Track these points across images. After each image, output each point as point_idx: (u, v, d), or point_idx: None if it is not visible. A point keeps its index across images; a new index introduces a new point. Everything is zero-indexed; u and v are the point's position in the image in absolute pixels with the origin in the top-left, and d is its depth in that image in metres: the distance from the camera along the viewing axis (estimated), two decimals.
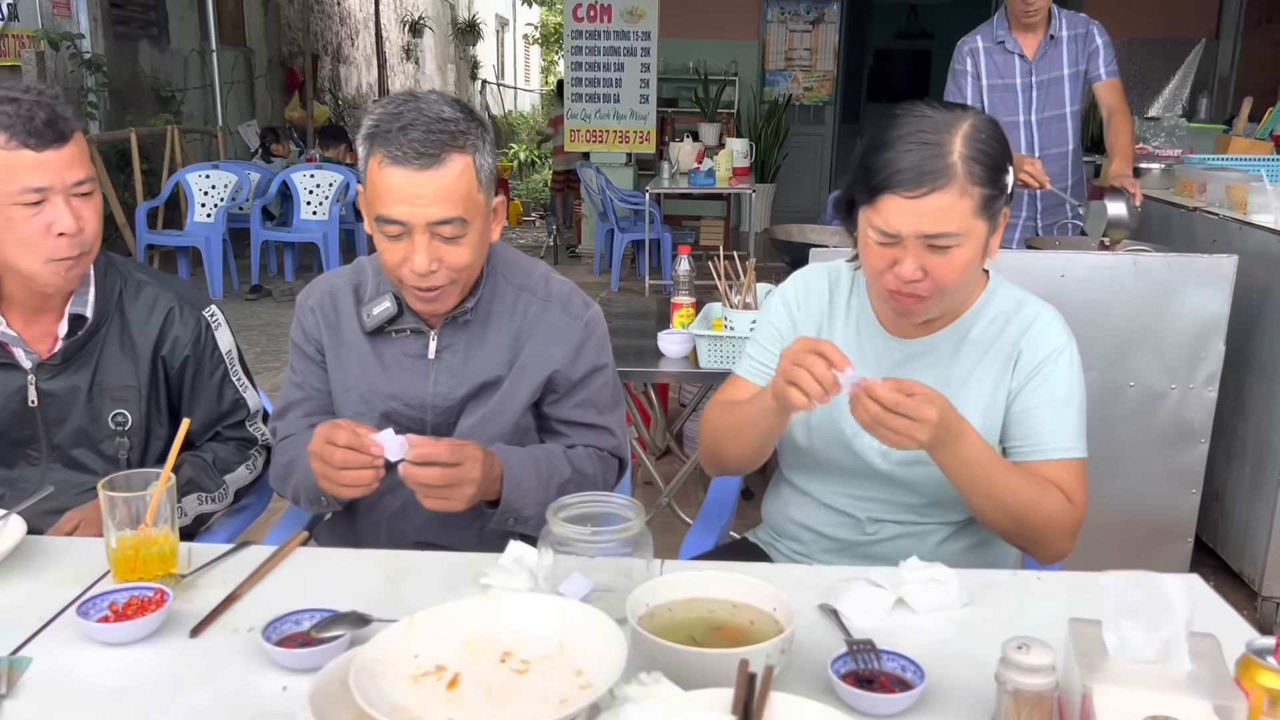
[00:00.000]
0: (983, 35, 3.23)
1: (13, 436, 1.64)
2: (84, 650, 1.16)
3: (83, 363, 1.64)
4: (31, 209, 1.48)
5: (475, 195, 1.45)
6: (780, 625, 1.11)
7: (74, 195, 1.51)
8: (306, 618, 1.18)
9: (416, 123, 1.40)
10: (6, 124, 1.44)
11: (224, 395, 1.77)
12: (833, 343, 1.33)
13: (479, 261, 1.53)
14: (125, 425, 1.67)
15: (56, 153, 1.48)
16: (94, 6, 7.95)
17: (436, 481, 1.36)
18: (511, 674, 0.93)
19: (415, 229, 1.42)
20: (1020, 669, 1.00)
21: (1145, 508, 2.77)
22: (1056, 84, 3.24)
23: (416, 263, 1.43)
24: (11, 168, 1.45)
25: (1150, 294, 2.64)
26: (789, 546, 1.69)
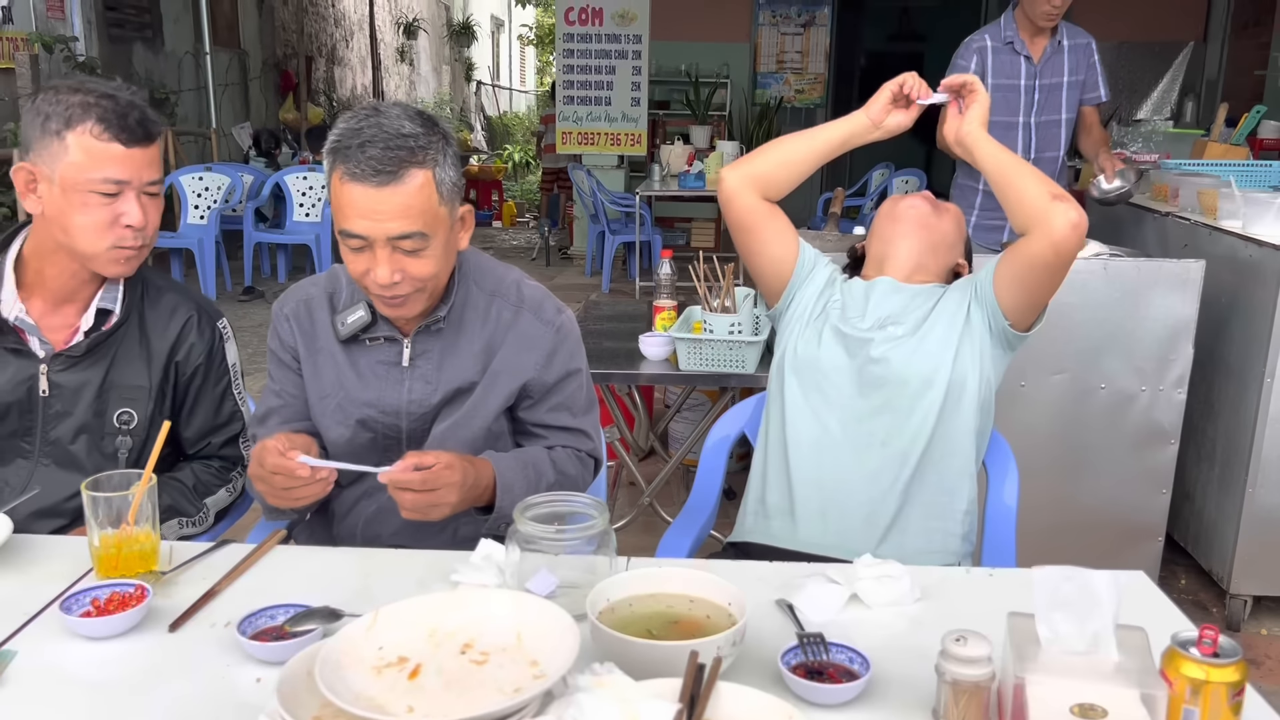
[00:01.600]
0: (990, 35, 3.27)
1: (9, 427, 1.66)
2: (67, 644, 1.21)
3: (99, 358, 1.67)
4: (107, 199, 1.56)
5: (437, 209, 1.48)
6: (734, 619, 1.16)
7: (145, 193, 1.60)
8: (281, 613, 1.23)
9: (375, 139, 1.43)
10: (103, 116, 1.54)
11: (224, 407, 1.82)
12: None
13: (444, 271, 1.56)
14: (130, 424, 1.70)
15: (142, 151, 1.58)
16: (88, 9, 7.98)
17: (411, 503, 1.40)
18: (471, 664, 0.98)
19: (376, 243, 1.46)
20: (958, 660, 1.05)
21: (1117, 507, 2.83)
22: (1057, 89, 3.30)
23: (379, 275, 1.47)
24: (100, 157, 1.54)
25: (1121, 297, 2.70)
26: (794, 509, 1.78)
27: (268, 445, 1.42)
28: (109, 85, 1.59)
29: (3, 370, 1.64)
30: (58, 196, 1.56)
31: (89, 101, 1.54)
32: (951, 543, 1.74)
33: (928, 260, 1.84)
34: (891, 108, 1.77)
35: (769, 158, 1.85)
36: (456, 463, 1.45)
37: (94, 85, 1.57)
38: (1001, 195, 1.71)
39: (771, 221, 1.86)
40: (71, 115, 1.53)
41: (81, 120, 1.53)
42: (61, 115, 1.53)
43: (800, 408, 1.79)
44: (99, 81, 1.61)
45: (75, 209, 1.56)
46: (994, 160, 1.71)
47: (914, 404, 1.72)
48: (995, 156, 1.71)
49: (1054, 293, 1.71)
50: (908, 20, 12.48)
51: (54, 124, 1.54)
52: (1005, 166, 1.70)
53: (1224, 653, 1.00)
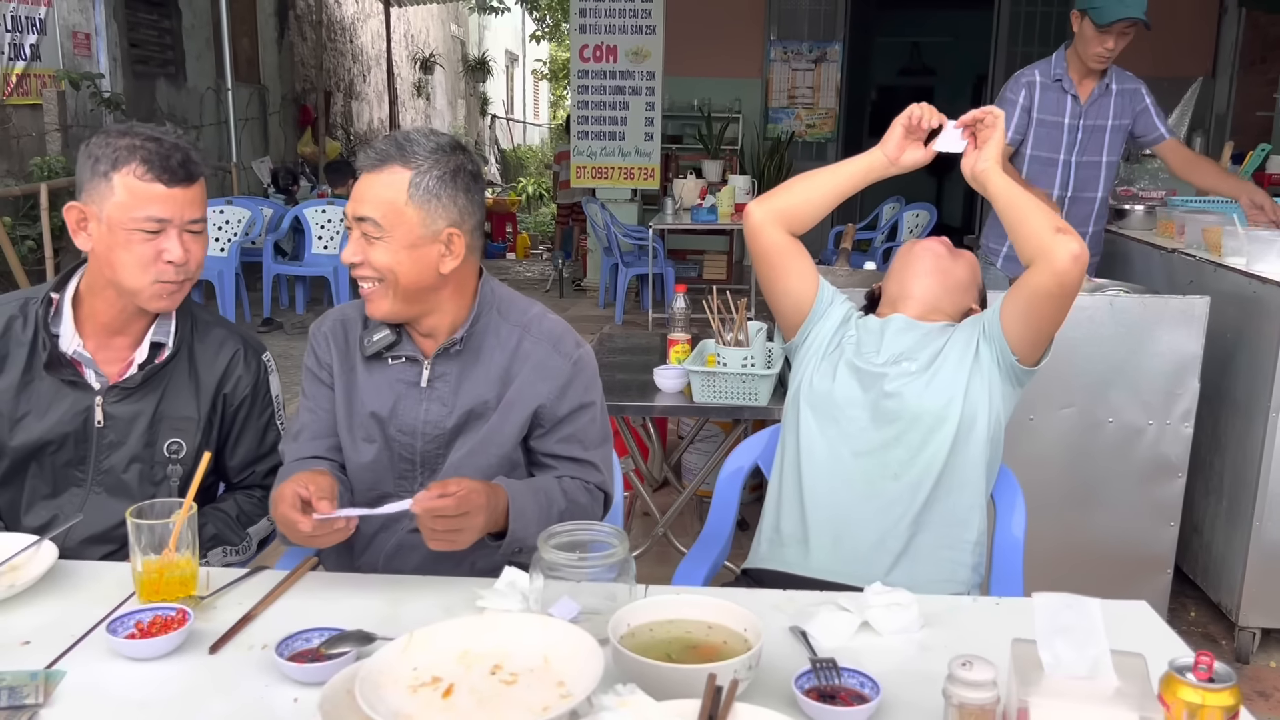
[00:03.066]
0: (1040, 71, 3.33)
1: (65, 456, 1.72)
2: (112, 665, 1.27)
3: (151, 389, 1.74)
4: (150, 236, 1.64)
5: (401, 206, 1.57)
6: (750, 644, 1.21)
7: (188, 231, 1.68)
8: (316, 636, 1.28)
9: (386, 138, 1.62)
10: (147, 158, 1.62)
11: (267, 437, 1.88)
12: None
13: (409, 274, 1.60)
14: (179, 454, 1.77)
15: (184, 191, 1.65)
16: (114, 46, 8.16)
17: (443, 529, 1.45)
18: (501, 685, 1.04)
19: (351, 223, 1.61)
20: (964, 684, 1.10)
21: (1126, 540, 2.86)
22: (1100, 131, 3.35)
23: (344, 251, 1.64)
24: (143, 197, 1.62)
25: (1127, 333, 2.75)
26: (809, 536, 1.84)
27: (284, 493, 1.47)
28: (157, 130, 1.68)
29: (60, 402, 1.71)
30: (105, 234, 1.64)
31: (135, 144, 1.63)
32: (961, 572, 1.79)
33: (942, 301, 1.91)
34: (906, 144, 1.84)
35: (794, 193, 1.93)
36: (479, 487, 1.50)
37: (142, 129, 1.66)
38: (1009, 227, 1.77)
39: (794, 256, 1.93)
40: (118, 157, 1.62)
41: (127, 161, 1.61)
42: (109, 157, 1.62)
43: (815, 439, 1.85)
44: (148, 126, 1.69)
45: (120, 246, 1.64)
46: (1005, 194, 1.78)
47: (926, 438, 1.78)
48: (1006, 192, 1.78)
49: (1058, 326, 1.77)
50: (918, 54, 12.63)
51: (102, 165, 1.62)
52: (1014, 201, 1.77)
53: (1219, 678, 1.05)
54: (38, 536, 1.52)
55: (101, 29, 8.07)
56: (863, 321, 1.95)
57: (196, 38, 9.43)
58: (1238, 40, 8.47)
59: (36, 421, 1.70)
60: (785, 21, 9.52)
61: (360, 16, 13.74)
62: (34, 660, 1.27)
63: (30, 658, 1.27)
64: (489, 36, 20.14)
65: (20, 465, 1.73)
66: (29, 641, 1.31)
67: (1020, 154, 3.39)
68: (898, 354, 1.85)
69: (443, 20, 17.18)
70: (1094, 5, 3.14)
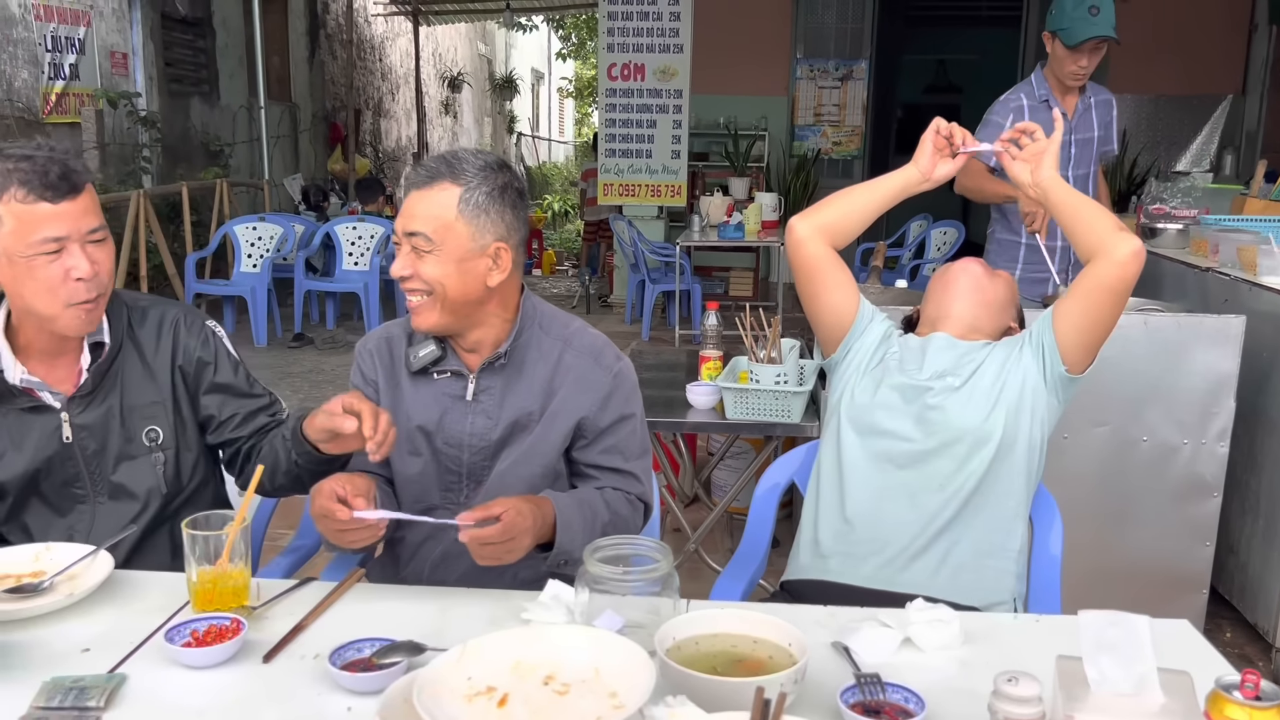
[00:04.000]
0: (1025, 94, 3.36)
1: (58, 477, 1.73)
2: (170, 672, 1.30)
3: (109, 388, 1.74)
4: (51, 257, 1.59)
5: (452, 221, 1.61)
6: (795, 659, 1.23)
7: (89, 242, 1.63)
8: (367, 646, 1.31)
9: (435, 157, 1.66)
10: (24, 179, 1.56)
11: (254, 387, 1.86)
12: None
13: (457, 288, 1.63)
14: (158, 440, 1.77)
15: (71, 204, 1.59)
16: (150, 66, 8.32)
17: (490, 554, 1.48)
18: (554, 695, 1.06)
19: (401, 238, 1.64)
20: (1009, 699, 1.11)
21: (1161, 559, 2.85)
22: (1088, 144, 3.38)
23: (394, 265, 1.66)
24: (32, 220, 1.56)
25: (1161, 352, 2.74)
26: (846, 547, 1.86)
27: (322, 488, 1.51)
28: (27, 147, 1.63)
29: (29, 430, 1.71)
30: (6, 267, 1.59)
31: (8, 168, 1.56)
32: (1005, 580, 1.80)
33: (982, 320, 1.94)
34: (937, 158, 1.88)
35: (834, 208, 1.96)
36: (525, 507, 1.52)
37: (13, 150, 1.59)
38: (1071, 229, 1.83)
39: (836, 270, 1.96)
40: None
41: (5, 188, 1.55)
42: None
43: (857, 453, 1.87)
44: (20, 146, 1.64)
45: (24, 275, 1.59)
46: (1068, 200, 1.84)
47: (971, 451, 1.80)
48: (1069, 198, 1.85)
49: (1112, 326, 1.81)
50: (944, 72, 12.64)
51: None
52: (1078, 205, 1.84)
53: (1265, 696, 1.05)
54: (94, 547, 1.56)
55: (138, 49, 8.23)
56: (904, 339, 1.97)
57: (230, 57, 9.59)
58: (1268, 57, 8.43)
59: (16, 454, 1.71)
60: (812, 40, 9.56)
61: (389, 35, 13.91)
62: (93, 667, 1.30)
63: (90, 664, 1.31)
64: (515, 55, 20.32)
65: (20, 500, 1.74)
66: (89, 649, 1.35)
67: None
68: (940, 370, 1.87)
69: (470, 39, 17.36)
70: (1063, 26, 3.18)
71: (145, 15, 8.25)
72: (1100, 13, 3.09)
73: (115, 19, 7.99)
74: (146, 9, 8.26)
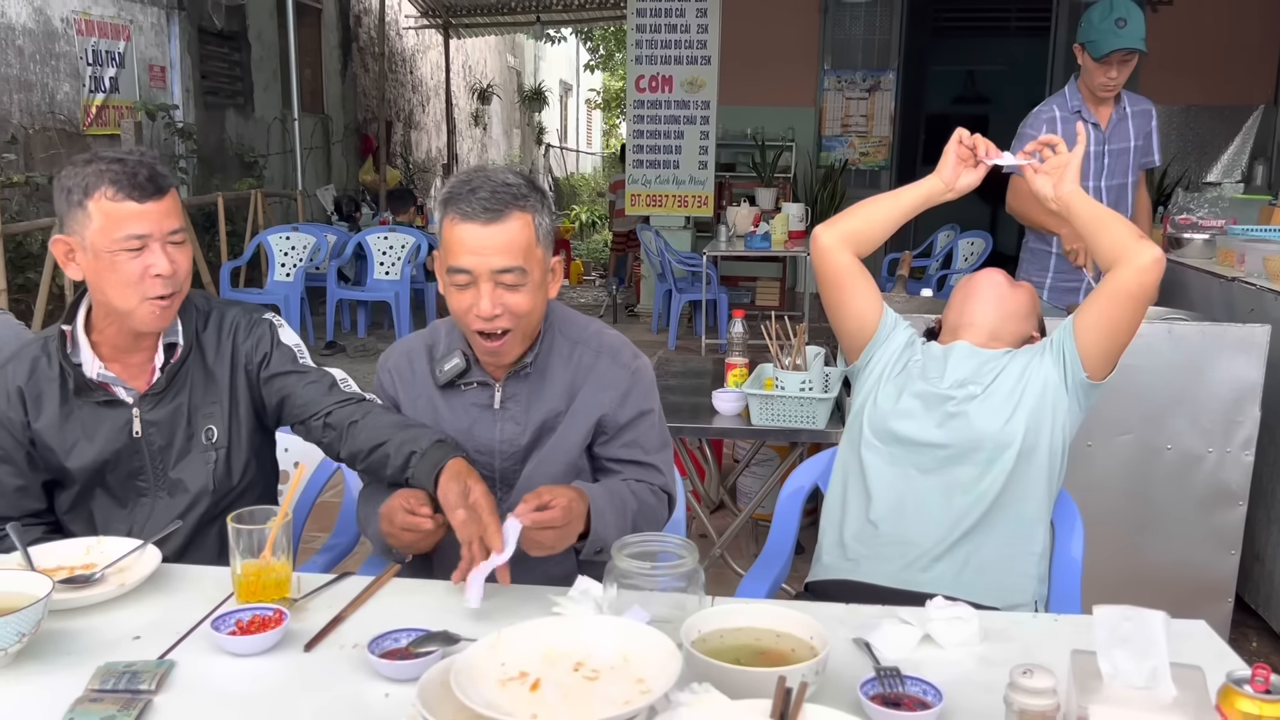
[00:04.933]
0: (1058, 105, 3.38)
1: (124, 470, 1.82)
2: (215, 659, 1.36)
3: (179, 387, 1.83)
4: (133, 254, 1.69)
5: (534, 248, 1.65)
6: (816, 651, 1.27)
7: (169, 242, 1.72)
8: (404, 636, 1.36)
9: (484, 186, 1.62)
10: (114, 179, 1.66)
11: (309, 372, 1.89)
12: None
13: (538, 311, 1.71)
14: (213, 438, 1.86)
15: (155, 204, 1.69)
16: (187, 79, 8.49)
17: (550, 539, 1.53)
18: (583, 680, 1.10)
19: (480, 277, 1.62)
20: (1025, 691, 1.15)
21: (1186, 567, 2.86)
22: (1124, 154, 3.39)
23: (481, 307, 1.63)
24: (118, 218, 1.67)
25: (1185, 361, 2.76)
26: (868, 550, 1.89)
27: (394, 505, 1.58)
28: (119, 151, 1.73)
29: (102, 423, 1.80)
30: (92, 261, 1.70)
31: (101, 169, 1.67)
32: (1026, 582, 1.83)
33: (1003, 328, 1.98)
34: (960, 168, 1.92)
35: (859, 217, 2.00)
36: (575, 494, 1.57)
37: (105, 153, 1.70)
38: (1094, 240, 1.86)
39: (860, 278, 2.00)
40: (88, 184, 1.66)
41: (96, 186, 1.66)
42: (80, 186, 1.67)
43: (880, 458, 1.91)
44: (110, 149, 1.75)
45: (107, 269, 1.69)
46: (1090, 212, 1.88)
47: (992, 456, 1.83)
48: (1091, 210, 1.88)
49: (1133, 332, 1.85)
50: (972, 84, 12.61)
51: (75, 195, 1.68)
52: (1100, 217, 1.88)
53: (1276, 690, 1.08)
54: (142, 541, 1.62)
55: (176, 62, 8.40)
56: (926, 347, 2.01)
57: (264, 70, 9.76)
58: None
59: (87, 445, 1.80)
60: (839, 51, 9.59)
61: (420, 48, 14.08)
62: (143, 653, 1.36)
63: (140, 651, 1.37)
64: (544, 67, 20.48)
65: (87, 489, 1.83)
66: (139, 636, 1.41)
67: None
68: (962, 378, 1.90)
69: (499, 51, 17.52)
70: (1090, 38, 3.19)
71: (183, 29, 8.42)
72: (1128, 25, 3.10)
73: (154, 33, 8.17)
74: (184, 23, 8.43)
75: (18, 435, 1.79)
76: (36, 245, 6.03)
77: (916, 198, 1.97)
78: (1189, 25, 8.15)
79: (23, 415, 1.78)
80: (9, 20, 6.55)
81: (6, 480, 1.80)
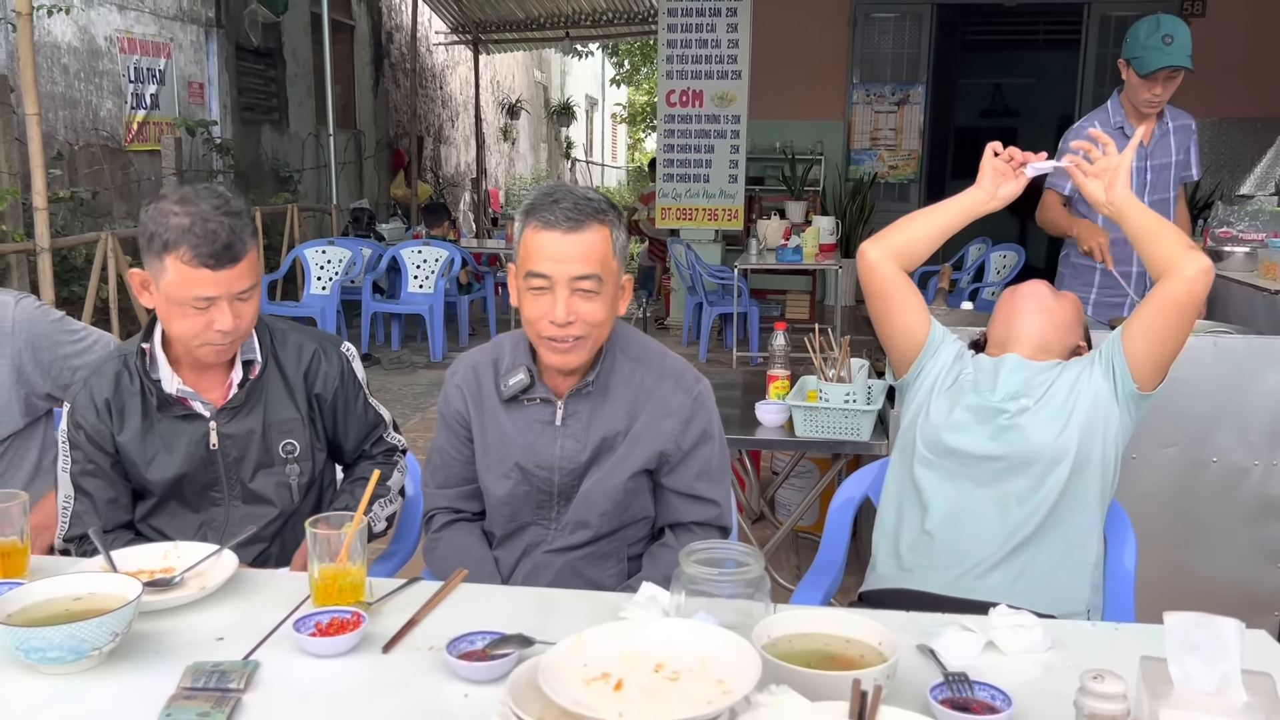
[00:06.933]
0: (1100, 120, 3.39)
1: (200, 480, 1.90)
2: (297, 660, 1.40)
3: (254, 403, 1.90)
4: (200, 310, 1.76)
5: (610, 260, 1.71)
6: (885, 657, 1.29)
7: (237, 299, 1.79)
8: (479, 638, 1.40)
9: (566, 198, 1.70)
10: (195, 244, 1.72)
11: (368, 415, 2.06)
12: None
13: (608, 324, 1.76)
14: (294, 453, 1.93)
15: (229, 272, 1.76)
16: (224, 95, 8.63)
17: None
18: (665, 681, 1.14)
19: (558, 283, 1.68)
20: (1096, 696, 1.17)
21: (1231, 580, 2.85)
22: (1165, 169, 3.41)
23: (556, 313, 1.68)
24: (192, 281, 1.73)
25: (1231, 374, 2.76)
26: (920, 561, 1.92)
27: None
28: (207, 206, 1.74)
29: (180, 436, 1.87)
30: (162, 302, 1.78)
31: (184, 226, 1.71)
32: (1081, 592, 1.85)
33: (1051, 340, 1.99)
34: (1000, 179, 1.95)
35: (904, 231, 2.02)
36: None
37: (194, 205, 1.73)
38: (1143, 247, 1.89)
39: (908, 292, 2.02)
40: (169, 239, 1.72)
41: (176, 246, 1.71)
42: (161, 238, 1.72)
43: (934, 471, 1.93)
44: (202, 194, 1.77)
45: (175, 316, 1.78)
46: (1141, 218, 1.90)
47: (1047, 468, 1.85)
48: (1142, 216, 1.90)
49: (1181, 343, 1.86)
50: (1000, 97, 12.61)
51: (155, 244, 1.73)
52: (1151, 224, 1.89)
53: None
54: (218, 546, 1.67)
55: (214, 79, 8.54)
56: (976, 360, 2.03)
57: (299, 86, 9.90)
58: None
59: (167, 457, 1.87)
60: (868, 65, 9.63)
61: (450, 64, 14.23)
62: (227, 654, 1.40)
63: (224, 652, 1.41)
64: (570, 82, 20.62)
65: (163, 499, 1.90)
66: (222, 638, 1.45)
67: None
68: (1014, 391, 1.92)
69: (526, 67, 17.67)
70: (1136, 55, 3.19)
71: (221, 46, 8.57)
72: (1175, 41, 3.11)
73: (193, 50, 8.31)
74: (222, 40, 8.58)
75: (106, 447, 1.86)
76: (80, 259, 6.14)
77: (960, 210, 2.00)
78: (1221, 38, 8.13)
79: (110, 427, 1.85)
80: (55, 39, 6.69)
81: (99, 494, 1.86)
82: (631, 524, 1.88)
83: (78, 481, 1.87)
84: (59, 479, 1.90)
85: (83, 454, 1.87)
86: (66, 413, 1.88)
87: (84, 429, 1.85)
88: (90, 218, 6.80)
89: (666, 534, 1.89)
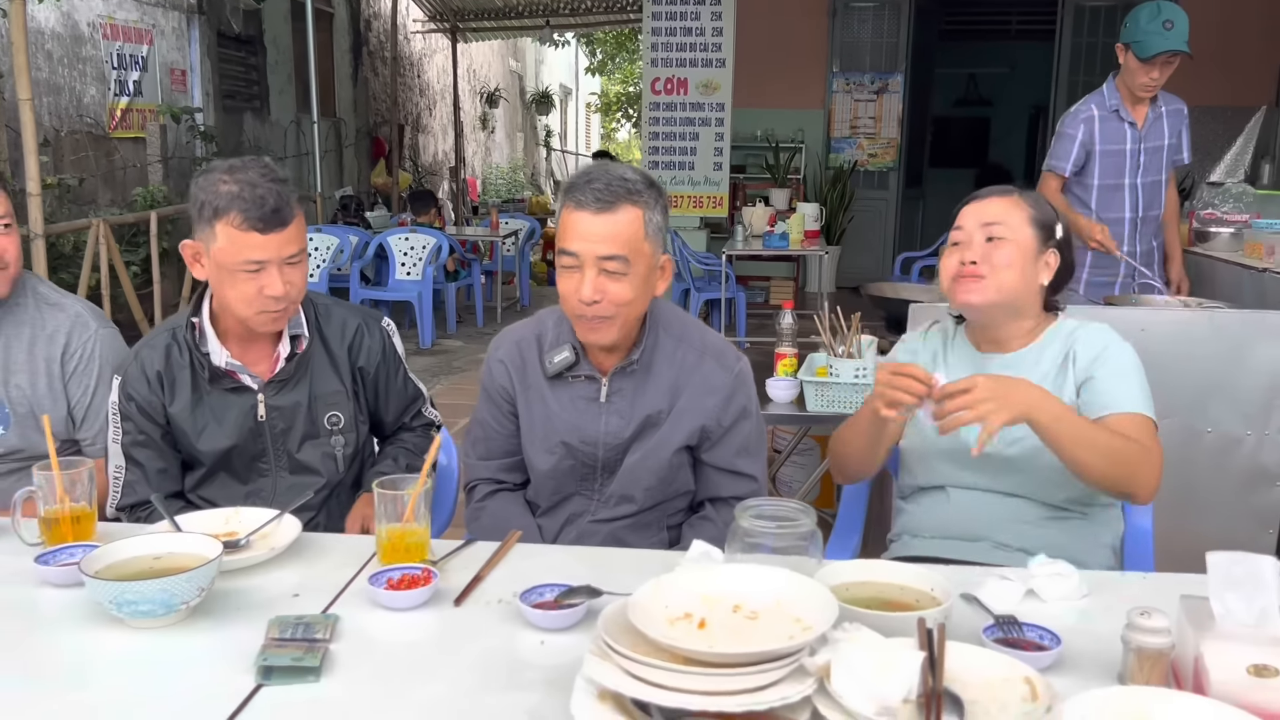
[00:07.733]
0: (1096, 104, 3.49)
1: (249, 451, 1.95)
2: (374, 613, 1.45)
3: (301, 376, 1.96)
4: (251, 275, 1.81)
5: (641, 243, 1.74)
6: (939, 602, 1.37)
7: (286, 264, 1.83)
8: (549, 590, 1.46)
9: (600, 179, 1.74)
10: (244, 209, 1.76)
11: (407, 389, 2.12)
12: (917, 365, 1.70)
13: (639, 304, 1.79)
14: (339, 425, 1.99)
15: (278, 235, 1.80)
16: (206, 82, 8.58)
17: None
18: (745, 619, 1.20)
19: (586, 262, 1.73)
20: (1143, 630, 1.25)
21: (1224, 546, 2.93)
22: (1159, 151, 3.52)
23: (583, 291, 1.73)
24: (242, 245, 1.78)
25: (1226, 347, 2.87)
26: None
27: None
28: (255, 172, 1.78)
29: (230, 409, 1.93)
30: (214, 270, 1.83)
31: (234, 192, 1.76)
32: (1102, 553, 1.92)
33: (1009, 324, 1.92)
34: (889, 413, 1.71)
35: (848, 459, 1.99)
36: None
37: (241, 174, 1.77)
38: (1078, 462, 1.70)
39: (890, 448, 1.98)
40: (219, 205, 1.76)
41: (226, 211, 1.76)
42: (211, 204, 1.77)
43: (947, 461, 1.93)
44: (250, 167, 1.80)
45: (226, 283, 1.83)
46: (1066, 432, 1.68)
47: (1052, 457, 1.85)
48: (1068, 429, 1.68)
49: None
50: (974, 86, 12.77)
51: (206, 212, 1.79)
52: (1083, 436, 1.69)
53: None
54: (278, 511, 1.72)
55: (196, 66, 8.49)
56: (949, 368, 1.95)
57: (279, 73, 9.85)
58: None
59: (217, 429, 1.92)
60: (847, 54, 9.73)
61: (427, 52, 14.18)
62: (305, 608, 1.46)
63: (303, 606, 1.46)
64: (545, 71, 20.58)
65: (213, 470, 1.96)
66: (298, 594, 1.51)
67: (1085, 183, 3.56)
68: None
69: (502, 55, 17.63)
70: (1136, 39, 3.30)
71: (202, 33, 8.52)
72: (1175, 26, 3.21)
73: (175, 37, 8.26)
74: (203, 27, 8.52)
75: (158, 418, 1.90)
76: (68, 247, 6.11)
77: (867, 425, 1.88)
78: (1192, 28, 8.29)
79: (161, 399, 1.89)
80: (39, 25, 6.63)
81: (150, 464, 1.90)
82: (674, 497, 1.94)
83: (129, 452, 1.92)
84: (109, 450, 1.94)
85: (134, 425, 1.90)
86: (118, 385, 1.91)
87: (135, 400, 1.89)
88: (76, 205, 6.76)
89: (706, 507, 1.96)
